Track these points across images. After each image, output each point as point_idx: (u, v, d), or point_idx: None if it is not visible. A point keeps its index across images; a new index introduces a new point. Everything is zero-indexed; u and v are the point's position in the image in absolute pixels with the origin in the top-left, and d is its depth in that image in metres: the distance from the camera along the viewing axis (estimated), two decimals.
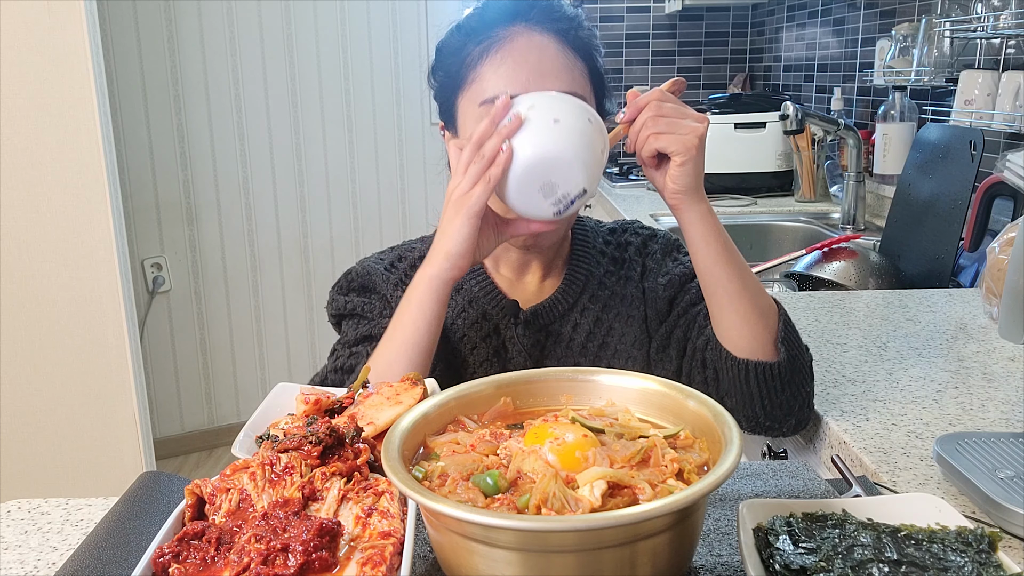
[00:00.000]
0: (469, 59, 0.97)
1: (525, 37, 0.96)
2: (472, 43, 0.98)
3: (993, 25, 1.70)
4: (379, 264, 1.09)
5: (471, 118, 0.97)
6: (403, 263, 1.09)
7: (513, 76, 0.94)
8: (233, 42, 3.12)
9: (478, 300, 1.07)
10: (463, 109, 0.99)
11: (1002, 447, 0.79)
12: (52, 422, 2.29)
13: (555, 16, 0.99)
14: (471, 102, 0.97)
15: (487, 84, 0.95)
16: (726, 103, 2.71)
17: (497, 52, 0.96)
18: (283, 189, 3.28)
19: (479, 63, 0.96)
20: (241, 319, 3.32)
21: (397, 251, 1.12)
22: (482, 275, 1.08)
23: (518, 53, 0.95)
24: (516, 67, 0.94)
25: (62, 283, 2.22)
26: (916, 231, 1.80)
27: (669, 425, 0.68)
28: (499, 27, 0.97)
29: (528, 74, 0.94)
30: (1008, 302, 0.90)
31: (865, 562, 0.54)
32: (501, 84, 0.94)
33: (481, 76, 0.96)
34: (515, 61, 0.95)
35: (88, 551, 0.68)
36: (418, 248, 1.11)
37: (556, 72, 0.95)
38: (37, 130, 2.15)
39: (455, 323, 1.07)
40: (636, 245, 1.13)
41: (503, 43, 0.96)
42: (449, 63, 1.01)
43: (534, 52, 0.95)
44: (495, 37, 0.97)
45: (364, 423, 0.73)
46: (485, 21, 0.99)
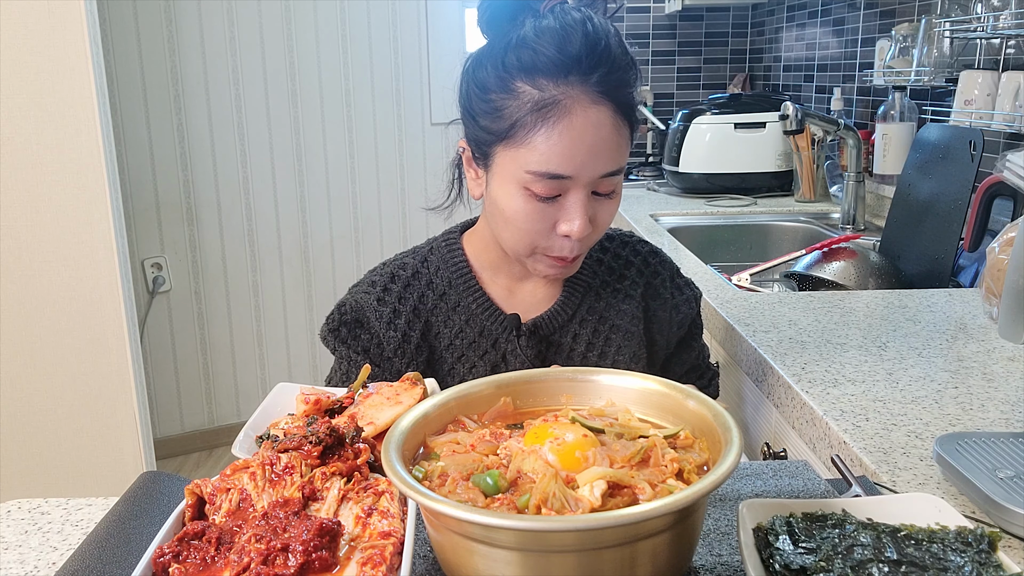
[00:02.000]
0: (521, 121, 0.92)
1: (582, 111, 0.91)
2: (520, 92, 0.93)
3: (993, 25, 1.70)
4: (370, 295, 1.07)
5: (512, 177, 0.95)
6: (396, 285, 1.07)
7: (569, 156, 0.92)
8: (233, 42, 3.12)
9: (476, 317, 1.06)
10: (503, 161, 0.96)
11: (1002, 447, 0.79)
12: (52, 422, 2.29)
13: (614, 77, 0.94)
14: (516, 163, 0.94)
15: (539, 157, 0.92)
16: (726, 103, 2.71)
17: (555, 125, 0.91)
18: (283, 189, 3.28)
19: (532, 130, 0.92)
20: (241, 319, 3.32)
21: (390, 268, 1.10)
22: (478, 290, 1.07)
23: (576, 132, 0.91)
24: (573, 147, 0.91)
25: (62, 283, 2.23)
26: (916, 231, 1.80)
27: (669, 425, 0.68)
28: (551, 80, 0.92)
29: (584, 155, 0.92)
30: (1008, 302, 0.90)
31: (865, 562, 0.54)
32: (555, 161, 0.92)
33: (533, 144, 0.92)
34: (572, 140, 0.91)
35: (88, 551, 0.68)
36: (411, 263, 1.09)
37: (609, 152, 0.94)
38: (37, 130, 2.15)
39: (452, 343, 1.06)
40: (638, 264, 1.13)
41: (560, 114, 0.91)
42: (490, 104, 0.95)
43: (591, 131, 0.92)
44: (550, 101, 0.91)
45: (364, 423, 0.73)
46: (536, 66, 0.92)
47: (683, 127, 2.69)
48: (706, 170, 2.67)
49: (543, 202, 0.95)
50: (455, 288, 1.07)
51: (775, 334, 1.27)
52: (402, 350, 1.05)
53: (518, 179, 0.94)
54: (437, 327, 1.07)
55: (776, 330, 1.28)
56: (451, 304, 1.07)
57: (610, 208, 0.99)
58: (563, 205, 0.95)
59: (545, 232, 0.97)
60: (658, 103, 3.51)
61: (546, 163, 0.92)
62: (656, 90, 3.54)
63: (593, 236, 0.99)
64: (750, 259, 2.23)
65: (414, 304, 1.07)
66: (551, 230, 0.96)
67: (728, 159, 2.65)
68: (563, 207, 0.95)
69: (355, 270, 3.36)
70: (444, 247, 1.10)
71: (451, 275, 1.08)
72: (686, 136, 2.68)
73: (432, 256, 1.10)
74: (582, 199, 0.94)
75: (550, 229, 0.96)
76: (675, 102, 3.53)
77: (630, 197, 2.73)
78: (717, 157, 2.66)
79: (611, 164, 0.94)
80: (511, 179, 0.95)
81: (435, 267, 1.09)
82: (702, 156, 2.67)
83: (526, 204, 0.95)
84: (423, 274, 1.09)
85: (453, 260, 1.09)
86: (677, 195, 2.75)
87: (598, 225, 0.98)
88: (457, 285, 1.07)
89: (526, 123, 0.92)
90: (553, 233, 0.97)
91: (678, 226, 2.36)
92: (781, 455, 1.16)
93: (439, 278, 1.08)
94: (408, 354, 1.05)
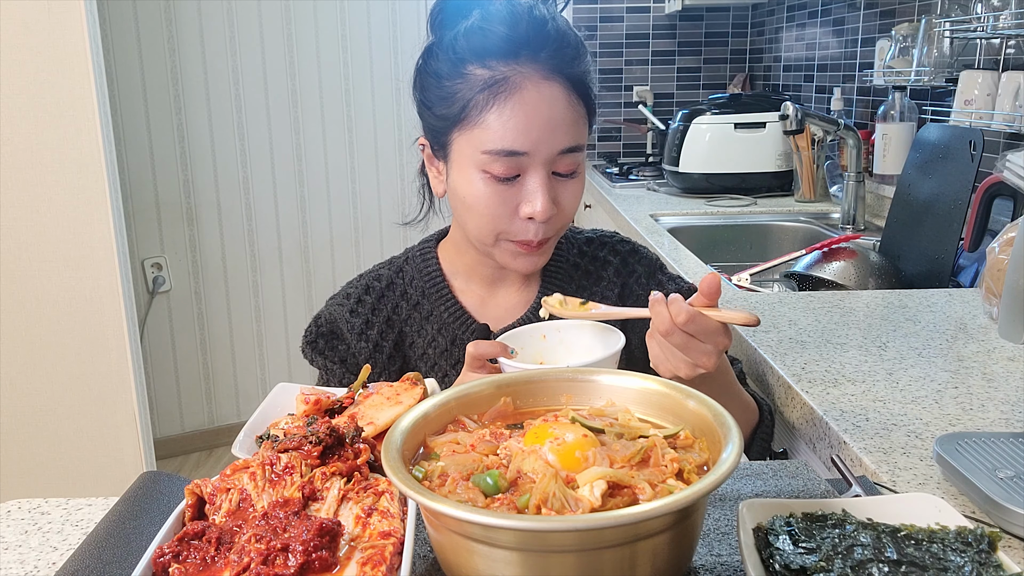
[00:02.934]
0: (473, 101, 0.92)
1: (534, 87, 0.92)
2: (471, 77, 0.93)
3: (993, 25, 1.70)
4: (344, 308, 1.07)
5: (470, 161, 0.94)
6: (370, 296, 1.08)
7: (524, 131, 0.91)
8: (233, 42, 3.12)
9: (448, 326, 1.06)
10: (460, 147, 0.95)
11: (1002, 447, 0.79)
12: (52, 422, 2.29)
13: (562, 55, 0.94)
14: (472, 145, 0.93)
15: (493, 135, 0.91)
16: (726, 103, 2.71)
17: (506, 101, 0.91)
18: (283, 189, 3.28)
19: (484, 109, 0.92)
20: (241, 319, 3.33)
21: (365, 280, 1.10)
22: (450, 299, 1.07)
23: (529, 107, 0.91)
24: (527, 121, 0.91)
25: (62, 283, 2.23)
26: (916, 231, 1.80)
27: (669, 425, 0.68)
28: (502, 61, 0.92)
29: (539, 130, 0.91)
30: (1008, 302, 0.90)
31: (865, 562, 0.54)
32: (510, 136, 0.91)
33: (486, 123, 0.92)
34: (526, 115, 0.91)
35: (88, 551, 0.68)
36: (386, 275, 1.10)
37: (565, 127, 0.93)
38: (37, 130, 2.15)
39: (425, 352, 1.06)
40: (616, 265, 1.12)
41: (511, 90, 0.91)
42: (443, 91, 0.95)
43: (544, 105, 0.92)
44: (501, 79, 0.91)
45: (364, 423, 0.73)
46: (486, 49, 0.92)
47: (683, 127, 2.69)
48: (706, 170, 2.67)
49: (503, 183, 0.94)
50: (428, 297, 1.07)
51: (775, 334, 1.27)
52: (374, 360, 1.05)
53: (476, 162, 0.94)
54: (411, 336, 1.07)
55: (776, 330, 1.28)
56: (424, 314, 1.07)
57: (573, 189, 0.98)
58: (523, 186, 0.94)
59: (508, 216, 0.95)
60: (658, 103, 3.51)
61: (501, 140, 0.91)
62: (656, 90, 3.54)
63: (559, 219, 0.98)
64: (750, 259, 2.23)
65: (387, 315, 1.07)
66: (514, 214, 0.95)
67: (728, 159, 2.65)
68: (524, 188, 0.94)
69: (355, 270, 3.33)
70: (419, 256, 1.10)
71: (424, 284, 1.08)
72: (686, 136, 2.68)
73: (407, 266, 1.10)
74: (542, 178, 0.93)
75: (512, 213, 0.95)
76: (675, 102, 3.53)
77: (630, 197, 2.73)
78: (717, 157, 2.66)
79: (568, 140, 0.94)
80: (469, 163, 0.94)
81: (409, 277, 1.09)
82: (702, 156, 2.67)
83: (486, 187, 0.94)
84: (397, 284, 1.09)
85: (427, 269, 1.08)
86: (677, 195, 2.75)
87: (562, 207, 0.97)
88: (430, 294, 1.07)
89: (478, 103, 0.92)
90: (516, 217, 0.95)
91: (678, 226, 2.36)
92: (781, 455, 1.16)
93: (413, 288, 1.08)
94: (380, 364, 1.05)
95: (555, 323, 0.96)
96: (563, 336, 0.95)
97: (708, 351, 0.81)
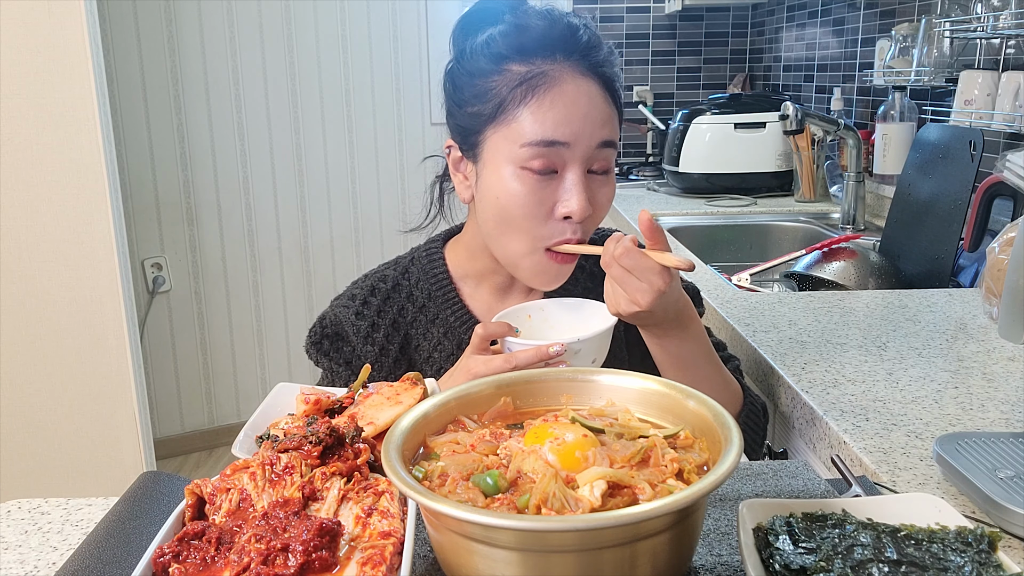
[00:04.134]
0: (511, 96, 0.92)
1: (572, 80, 0.93)
2: (509, 73, 0.93)
3: (993, 25, 1.70)
4: (349, 309, 1.07)
5: (506, 158, 0.94)
6: (376, 299, 1.07)
7: (565, 122, 0.91)
8: (233, 42, 3.12)
9: (454, 330, 1.06)
10: (495, 144, 0.95)
11: (1002, 447, 0.79)
12: (52, 422, 2.29)
13: (597, 57, 0.95)
14: (509, 140, 0.93)
15: (533, 127, 0.92)
16: (726, 103, 2.71)
17: (545, 94, 0.92)
18: (283, 189, 3.28)
19: (522, 103, 0.92)
20: (241, 319, 3.32)
21: (371, 281, 1.09)
22: (457, 303, 1.06)
23: (568, 98, 0.92)
24: (568, 112, 0.91)
25: (62, 283, 2.23)
26: (916, 231, 1.80)
27: (669, 425, 0.68)
28: (537, 59, 0.93)
29: (580, 122, 0.92)
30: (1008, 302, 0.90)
31: (865, 562, 0.54)
32: (551, 126, 0.91)
33: (523, 117, 0.92)
34: (566, 107, 0.92)
35: (88, 551, 0.68)
36: (392, 276, 1.09)
37: (603, 122, 0.94)
38: (37, 130, 2.15)
39: (431, 356, 1.06)
40: None
41: (550, 84, 0.92)
42: (477, 88, 0.95)
43: (583, 99, 0.92)
44: (540, 73, 0.92)
45: (364, 423, 0.73)
46: (525, 46, 0.93)
47: (683, 127, 2.69)
48: (706, 170, 2.67)
49: (540, 179, 0.93)
50: (434, 300, 1.07)
51: (775, 334, 1.27)
52: (380, 364, 1.05)
53: (513, 158, 0.93)
54: (416, 340, 1.07)
55: (776, 330, 1.28)
56: (430, 317, 1.07)
57: (607, 189, 0.98)
58: (561, 184, 0.94)
59: (543, 217, 0.94)
60: (658, 103, 3.51)
61: (541, 131, 0.91)
62: (656, 90, 3.54)
63: (592, 222, 0.98)
64: (750, 259, 2.23)
65: (393, 317, 1.06)
66: (549, 215, 0.94)
67: (728, 159, 2.65)
68: (561, 187, 0.94)
69: (355, 270, 3.36)
70: (425, 258, 1.09)
71: (431, 287, 1.07)
72: (686, 136, 2.68)
73: (413, 267, 1.09)
74: (579, 175, 0.93)
75: (548, 214, 0.94)
76: (675, 102, 3.53)
77: (630, 197, 2.73)
78: (717, 157, 2.66)
79: (605, 132, 0.94)
80: (505, 161, 0.94)
81: (416, 279, 1.08)
82: (702, 156, 2.67)
83: (522, 186, 0.93)
84: (403, 286, 1.08)
85: (434, 271, 1.08)
86: (677, 195, 2.75)
87: (597, 207, 0.97)
88: (436, 297, 1.07)
89: (515, 97, 0.93)
90: (551, 219, 0.95)
91: (678, 226, 2.36)
92: (781, 455, 1.16)
93: (419, 290, 1.08)
94: (386, 367, 1.05)
95: (538, 303, 1.01)
96: (547, 315, 1.01)
97: (643, 289, 0.86)
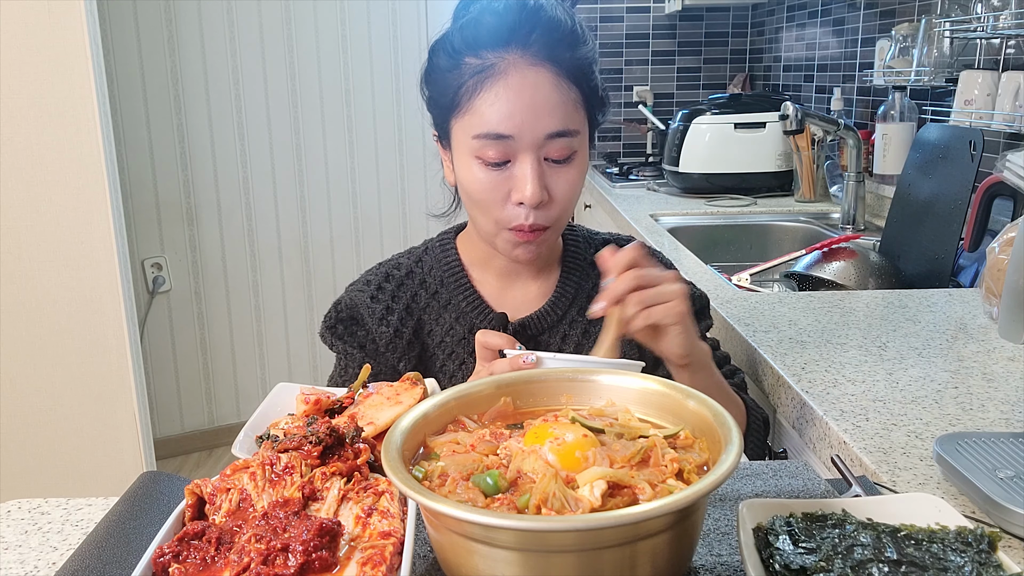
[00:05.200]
0: (464, 87, 0.96)
1: (519, 71, 0.94)
2: (465, 66, 0.97)
3: (993, 25, 1.70)
4: (364, 293, 1.09)
5: (465, 148, 0.97)
6: (390, 284, 1.09)
7: (508, 114, 0.94)
8: (233, 42, 3.12)
9: (465, 315, 1.07)
10: (457, 134, 0.99)
11: (1002, 447, 0.79)
12: (52, 422, 2.29)
13: (552, 41, 0.96)
14: (464, 131, 0.97)
15: (482, 119, 0.95)
16: (726, 103, 2.71)
17: (492, 86, 0.94)
18: (283, 189, 3.28)
19: (474, 94, 0.95)
20: (241, 319, 3.32)
21: (385, 268, 1.12)
22: (468, 288, 1.08)
23: (512, 91, 0.94)
24: (510, 104, 0.94)
25: (62, 283, 2.23)
26: (916, 231, 1.80)
27: (669, 425, 0.68)
28: (492, 50, 0.96)
29: (523, 113, 0.94)
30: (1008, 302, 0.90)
31: (865, 562, 0.54)
32: (495, 120, 0.94)
33: (475, 108, 0.95)
34: (509, 99, 0.94)
35: (88, 551, 0.68)
36: (405, 264, 1.11)
37: (549, 109, 0.95)
38: (37, 130, 2.15)
39: (443, 340, 1.08)
40: None
41: (497, 76, 0.94)
42: (442, 82, 0.99)
43: (528, 89, 0.94)
44: (489, 65, 0.95)
45: (364, 423, 0.73)
46: (478, 40, 0.96)
47: (683, 127, 2.69)
48: (706, 170, 2.67)
49: (495, 169, 0.96)
50: (446, 286, 1.09)
51: (775, 334, 1.27)
52: (394, 345, 1.07)
53: (469, 148, 0.97)
54: (429, 324, 1.08)
55: (776, 330, 1.28)
56: (442, 302, 1.09)
57: (568, 176, 0.98)
58: (513, 172, 0.96)
59: (501, 202, 0.97)
60: (658, 103, 3.51)
61: (486, 124, 0.94)
62: (656, 90, 3.54)
63: (554, 207, 0.99)
64: (750, 259, 2.23)
65: (407, 302, 1.08)
66: (506, 199, 0.97)
67: (728, 159, 2.65)
68: (513, 174, 0.96)
69: (355, 270, 3.35)
70: (438, 247, 1.12)
71: (443, 274, 1.10)
72: (686, 136, 2.68)
73: (427, 256, 1.12)
74: (531, 163, 0.95)
75: (505, 199, 0.97)
76: (675, 102, 3.53)
77: (630, 197, 2.73)
78: (717, 157, 2.66)
79: (554, 124, 0.95)
80: (465, 150, 0.98)
81: (429, 267, 1.11)
82: (702, 156, 2.67)
83: (480, 173, 0.97)
84: (417, 273, 1.11)
85: (446, 259, 1.10)
86: (677, 195, 2.75)
87: (555, 194, 0.98)
88: (449, 283, 1.09)
89: (468, 89, 0.96)
90: (508, 203, 0.97)
91: (678, 226, 2.36)
92: (781, 455, 1.16)
93: (432, 277, 1.10)
94: (400, 349, 1.07)
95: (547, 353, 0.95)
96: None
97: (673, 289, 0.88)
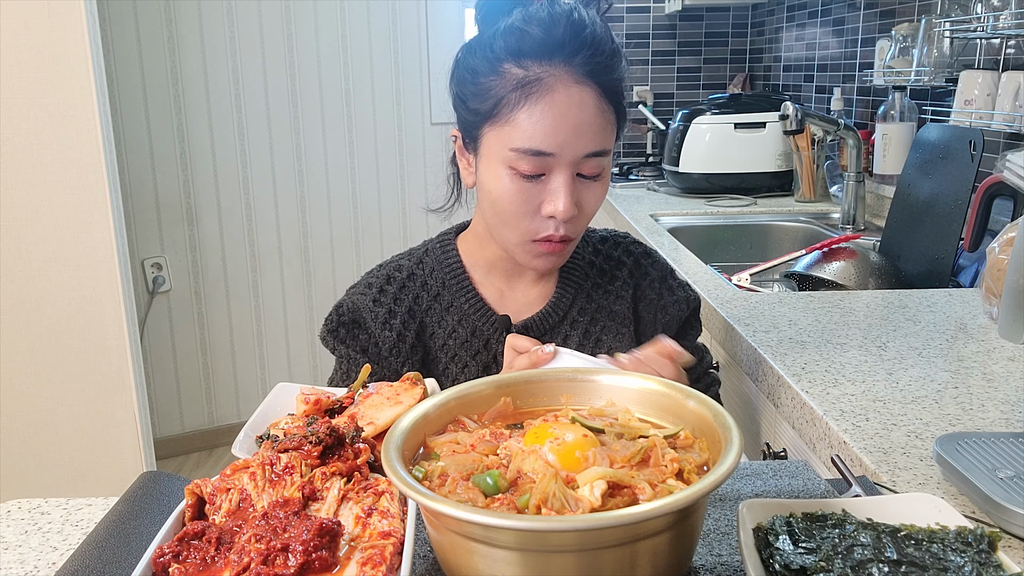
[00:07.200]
0: (506, 98, 0.95)
1: (565, 89, 0.93)
2: (506, 74, 0.95)
3: (993, 25, 1.70)
4: (366, 297, 1.08)
5: (498, 156, 0.96)
6: (392, 287, 1.09)
7: (551, 132, 0.93)
8: (233, 42, 3.12)
9: (468, 317, 1.07)
10: (490, 142, 0.98)
11: (1002, 447, 0.79)
12: (52, 422, 2.28)
13: (596, 60, 0.96)
14: (501, 141, 0.96)
15: (522, 134, 0.94)
16: (726, 103, 2.71)
17: (537, 102, 0.93)
18: (283, 189, 3.28)
19: (516, 108, 0.94)
20: (241, 319, 3.32)
21: (386, 271, 1.11)
22: (471, 291, 1.08)
23: (558, 109, 0.93)
24: (556, 124, 0.93)
25: (62, 283, 2.22)
26: (916, 231, 1.80)
27: (669, 425, 0.68)
28: (536, 61, 0.94)
29: (567, 133, 0.94)
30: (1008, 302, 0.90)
31: (865, 562, 0.54)
32: (538, 137, 0.93)
33: (516, 121, 0.94)
34: (555, 117, 0.93)
35: (88, 551, 0.68)
36: (406, 265, 1.11)
37: (593, 132, 0.95)
38: (37, 130, 2.14)
39: (446, 343, 1.07)
40: (629, 266, 1.14)
41: (542, 92, 0.93)
42: (478, 86, 0.98)
43: (573, 108, 0.94)
44: (533, 79, 0.94)
45: (364, 423, 0.73)
46: (522, 49, 0.95)
47: (683, 127, 2.69)
48: (706, 170, 2.67)
49: (528, 181, 0.96)
50: (448, 289, 1.09)
51: (775, 334, 1.27)
52: (397, 349, 1.06)
53: (503, 158, 0.96)
54: (431, 327, 1.08)
55: (776, 330, 1.28)
56: (444, 305, 1.08)
57: (596, 192, 0.99)
58: (547, 186, 0.96)
59: (531, 214, 0.97)
60: (658, 103, 3.51)
61: (529, 140, 0.94)
62: (656, 90, 3.54)
63: (581, 221, 1.00)
64: (750, 259, 2.23)
65: (409, 305, 1.08)
66: (536, 212, 0.97)
67: (728, 159, 2.65)
68: (547, 188, 0.96)
69: (355, 270, 3.36)
70: (439, 248, 1.11)
71: (445, 276, 1.09)
72: (686, 136, 2.68)
73: (427, 258, 1.11)
74: (566, 179, 0.95)
75: (535, 211, 0.97)
76: (675, 102, 3.53)
77: (630, 197, 2.73)
78: (717, 157, 2.66)
79: (594, 144, 0.95)
80: (497, 159, 0.97)
81: (430, 268, 1.10)
82: (702, 156, 2.67)
83: (512, 184, 0.96)
84: (418, 275, 1.10)
85: (447, 261, 1.10)
86: (677, 195, 2.75)
87: (584, 209, 0.99)
88: (451, 286, 1.09)
89: (510, 101, 0.95)
90: (538, 215, 0.98)
91: (678, 226, 2.36)
92: (781, 455, 1.16)
93: (433, 279, 1.09)
94: (403, 353, 1.06)
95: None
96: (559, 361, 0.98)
97: None
